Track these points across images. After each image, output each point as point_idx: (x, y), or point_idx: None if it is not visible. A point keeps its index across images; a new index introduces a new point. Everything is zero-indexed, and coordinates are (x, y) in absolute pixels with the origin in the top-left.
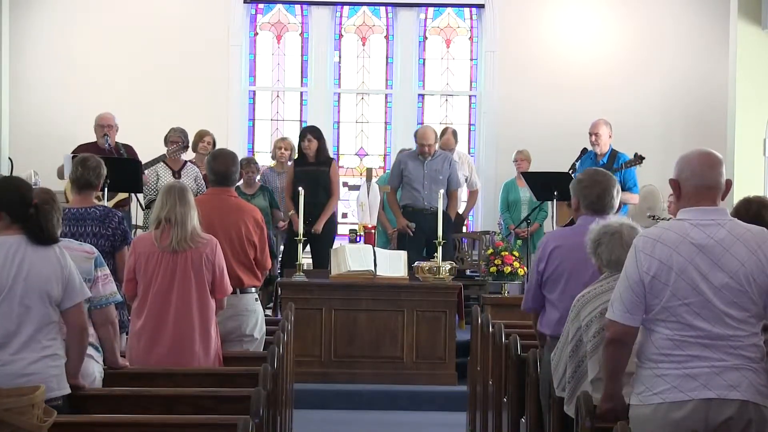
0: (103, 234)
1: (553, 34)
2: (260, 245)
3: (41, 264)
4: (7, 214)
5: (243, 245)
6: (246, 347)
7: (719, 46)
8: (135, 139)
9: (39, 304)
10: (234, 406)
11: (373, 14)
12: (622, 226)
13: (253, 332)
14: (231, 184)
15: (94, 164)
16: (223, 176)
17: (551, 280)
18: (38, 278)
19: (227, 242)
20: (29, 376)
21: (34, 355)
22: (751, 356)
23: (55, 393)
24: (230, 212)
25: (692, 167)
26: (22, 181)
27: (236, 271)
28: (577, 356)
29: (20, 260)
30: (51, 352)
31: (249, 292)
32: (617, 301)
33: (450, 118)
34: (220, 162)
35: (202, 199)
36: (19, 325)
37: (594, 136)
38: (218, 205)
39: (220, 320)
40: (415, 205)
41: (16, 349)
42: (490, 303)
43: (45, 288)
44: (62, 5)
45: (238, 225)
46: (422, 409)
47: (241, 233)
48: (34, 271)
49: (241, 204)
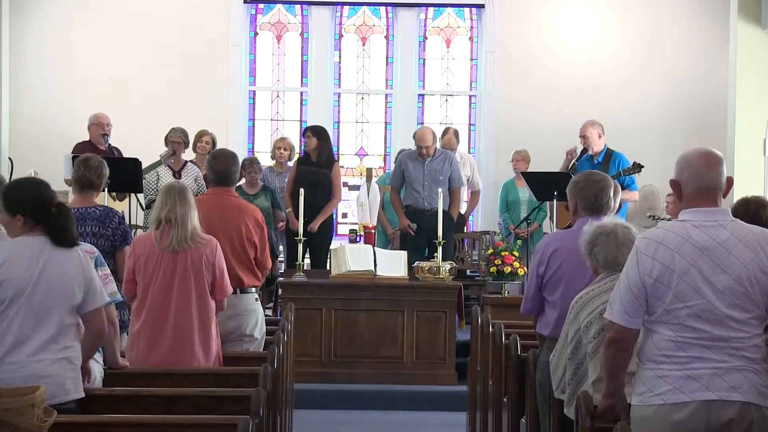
0: (103, 234)
1: (553, 34)
2: (260, 245)
3: (64, 266)
4: (27, 217)
5: (243, 245)
6: (246, 347)
7: (719, 46)
8: (135, 139)
9: (59, 307)
10: (234, 406)
11: (373, 14)
12: (617, 227)
13: (253, 332)
14: (231, 184)
15: (96, 164)
16: (223, 176)
17: (551, 283)
18: (60, 281)
19: (227, 242)
20: (45, 378)
21: (51, 357)
22: (752, 357)
23: (71, 396)
24: (230, 212)
25: (692, 168)
26: (42, 183)
27: (236, 271)
28: (576, 358)
29: (44, 262)
30: (68, 355)
31: (249, 292)
32: (617, 303)
33: (450, 118)
34: (220, 162)
35: (202, 199)
36: (38, 326)
37: (582, 139)
38: (218, 205)
39: (221, 320)
40: (416, 205)
41: (34, 351)
42: (490, 303)
43: (66, 291)
44: (62, 5)
45: (239, 225)
46: (422, 409)
47: (241, 233)
48: (56, 273)
49: (241, 204)
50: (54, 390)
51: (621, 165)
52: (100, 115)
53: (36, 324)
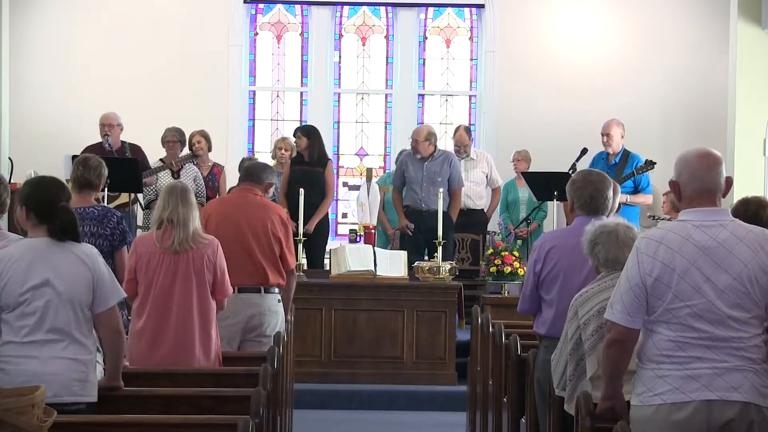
0: (101, 234)
1: (553, 34)
2: (285, 241)
3: (68, 266)
4: (35, 215)
5: (269, 241)
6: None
7: (719, 46)
8: (135, 139)
9: (64, 307)
10: (234, 406)
11: (373, 14)
12: (618, 226)
13: (273, 333)
14: (258, 183)
15: (95, 164)
16: (251, 174)
17: (548, 281)
18: (64, 281)
19: (254, 237)
20: (46, 375)
21: (54, 356)
22: (753, 357)
23: (78, 398)
24: (256, 209)
25: (691, 170)
26: (53, 181)
27: (263, 265)
28: (577, 355)
29: (47, 262)
30: (74, 356)
31: (273, 292)
32: (618, 303)
33: (450, 118)
34: (254, 162)
35: (228, 197)
36: (42, 325)
37: (606, 137)
38: (244, 201)
39: (243, 318)
40: (414, 206)
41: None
42: (490, 303)
43: (71, 291)
44: (62, 5)
45: (264, 221)
46: (422, 409)
47: (267, 229)
48: (61, 273)
49: (266, 202)
50: (56, 389)
51: (636, 166)
52: (104, 114)
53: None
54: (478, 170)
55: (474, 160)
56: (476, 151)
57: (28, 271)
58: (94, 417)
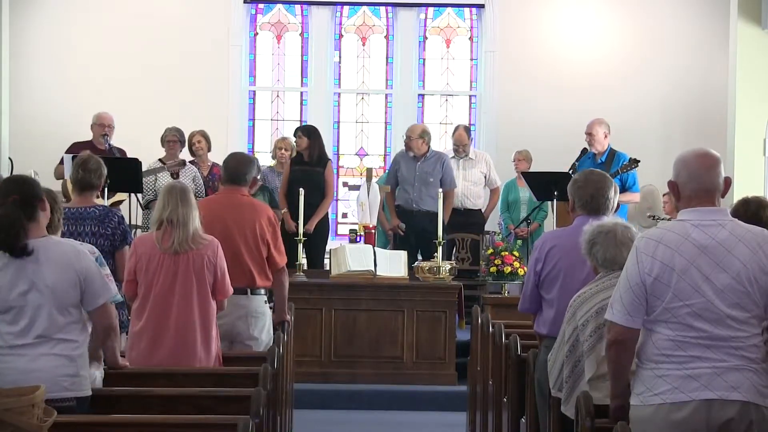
0: (102, 233)
1: (553, 34)
2: (273, 242)
3: (52, 266)
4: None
5: (257, 242)
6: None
7: (719, 46)
8: (135, 139)
9: (50, 305)
10: (234, 406)
11: (373, 14)
12: (616, 226)
13: (260, 335)
14: (242, 184)
15: (94, 166)
16: (233, 174)
17: (548, 280)
18: (48, 279)
19: (241, 238)
20: (34, 373)
21: (43, 354)
22: (752, 357)
23: (67, 393)
24: (244, 209)
25: (689, 171)
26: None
27: (249, 267)
28: (574, 356)
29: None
30: (62, 352)
31: (259, 294)
32: (617, 303)
33: (450, 118)
34: (232, 161)
35: (215, 198)
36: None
37: (588, 136)
38: (231, 202)
39: (230, 321)
40: (405, 205)
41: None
42: (490, 303)
43: (57, 289)
44: (62, 5)
45: (253, 222)
46: (422, 409)
47: (255, 230)
48: (45, 276)
49: (253, 202)
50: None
51: (621, 164)
52: (102, 114)
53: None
54: (477, 170)
55: (473, 159)
56: (475, 151)
57: (15, 276)
58: (93, 417)
